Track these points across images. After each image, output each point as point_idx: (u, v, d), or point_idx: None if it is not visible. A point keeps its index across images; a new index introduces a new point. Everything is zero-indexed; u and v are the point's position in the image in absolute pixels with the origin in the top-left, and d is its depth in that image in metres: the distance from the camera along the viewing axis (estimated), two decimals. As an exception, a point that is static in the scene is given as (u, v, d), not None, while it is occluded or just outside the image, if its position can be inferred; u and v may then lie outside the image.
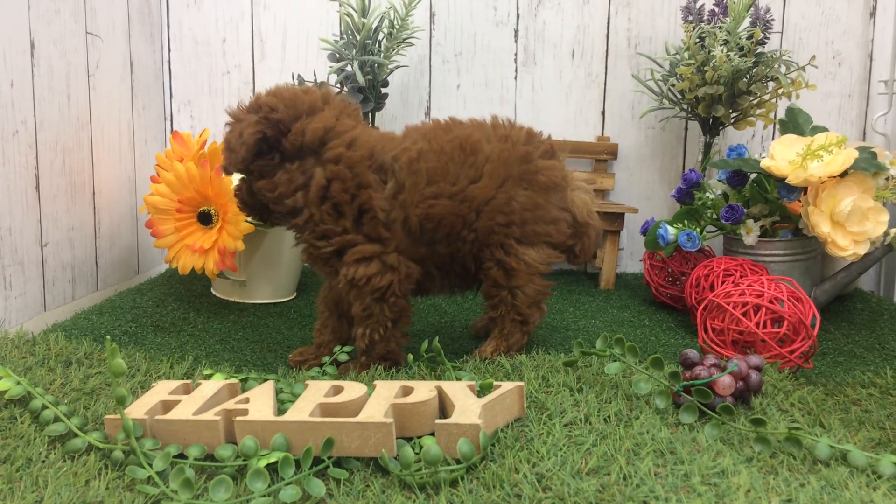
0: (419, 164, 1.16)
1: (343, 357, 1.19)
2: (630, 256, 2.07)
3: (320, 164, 1.13)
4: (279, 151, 1.14)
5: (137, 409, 0.92)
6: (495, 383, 0.97)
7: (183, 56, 1.98)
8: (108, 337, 0.97)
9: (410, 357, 1.17)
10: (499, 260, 1.21)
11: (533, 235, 1.21)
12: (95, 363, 1.14)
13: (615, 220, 1.84)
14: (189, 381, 1.01)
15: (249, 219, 1.51)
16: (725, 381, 0.97)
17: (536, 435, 0.89)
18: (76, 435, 0.91)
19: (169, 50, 1.98)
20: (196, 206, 1.51)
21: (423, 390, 0.95)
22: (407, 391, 0.96)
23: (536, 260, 1.22)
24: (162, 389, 0.99)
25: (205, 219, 1.52)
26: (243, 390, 1.05)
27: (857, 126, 2.00)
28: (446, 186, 1.16)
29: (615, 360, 1.06)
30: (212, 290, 1.72)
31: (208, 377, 1.13)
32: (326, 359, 1.19)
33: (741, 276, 1.48)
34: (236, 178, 1.53)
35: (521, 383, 0.96)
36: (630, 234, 2.04)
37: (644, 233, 1.72)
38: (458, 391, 0.95)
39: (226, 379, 1.11)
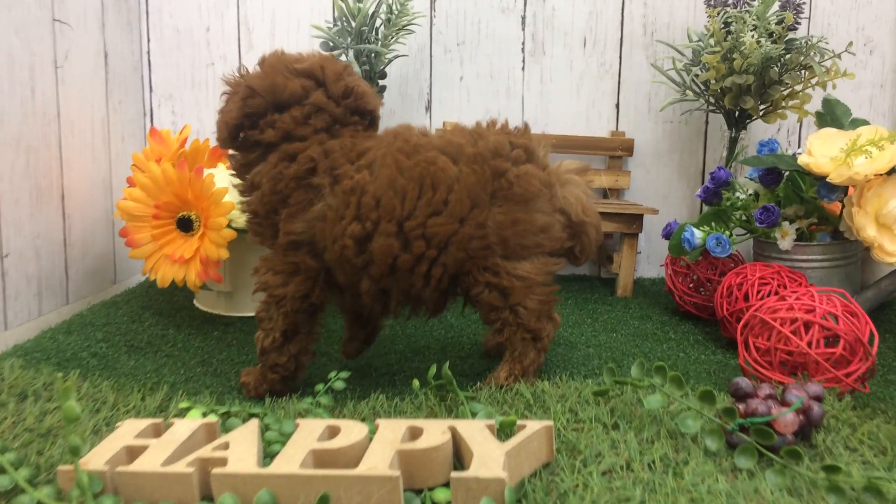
0: (357, 197, 1.04)
1: (339, 385, 1.05)
2: (647, 260, 1.93)
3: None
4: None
5: (97, 458, 0.78)
6: (519, 423, 0.83)
7: (163, 46, 1.83)
8: (61, 375, 0.82)
9: (416, 383, 1.03)
10: (488, 283, 1.06)
11: (520, 249, 1.06)
12: (55, 396, 1.00)
13: (633, 221, 1.69)
14: (160, 421, 0.86)
15: (233, 224, 1.37)
16: (788, 419, 0.83)
17: (571, 487, 0.75)
18: (23, 490, 0.77)
19: (148, 40, 1.82)
20: (175, 212, 1.36)
21: (435, 432, 0.80)
22: (415, 433, 0.81)
23: (532, 272, 1.07)
24: (128, 431, 0.85)
25: (185, 225, 1.37)
26: (224, 430, 0.91)
27: (889, 118, 1.86)
28: (387, 226, 1.03)
29: (653, 389, 0.92)
30: (195, 301, 1.57)
31: (184, 411, 0.99)
32: (320, 386, 1.04)
33: (779, 285, 1.34)
34: (220, 178, 1.38)
35: (550, 423, 0.82)
36: (647, 235, 1.90)
37: (667, 236, 1.58)
38: (476, 433, 0.80)
39: (203, 415, 0.97)
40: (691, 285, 1.57)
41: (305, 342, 1.12)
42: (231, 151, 1.15)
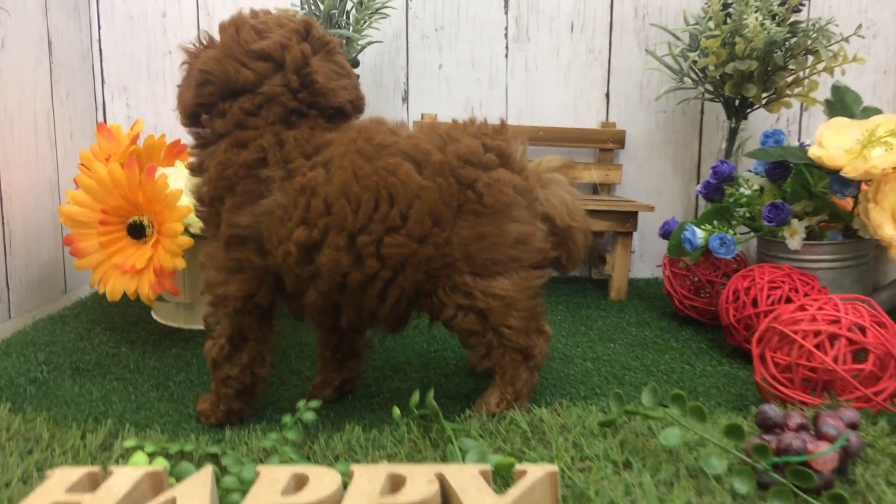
0: (307, 197, 0.91)
1: (309, 416, 0.92)
2: (641, 259, 1.82)
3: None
4: None
5: (16, 522, 0.65)
6: (518, 467, 0.71)
7: (116, 34, 1.68)
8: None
9: (397, 412, 0.91)
10: (460, 305, 0.93)
11: (492, 265, 0.93)
12: (-22, 436, 0.86)
13: (627, 220, 1.58)
14: (97, 470, 0.73)
15: (191, 230, 1.23)
16: (829, 457, 0.72)
17: (582, 549, 0.63)
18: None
19: (99, 27, 1.67)
20: (124, 217, 1.23)
21: (420, 481, 0.68)
22: (396, 482, 0.69)
23: (511, 289, 0.94)
24: (58, 483, 0.71)
25: (136, 231, 1.23)
26: (173, 477, 0.78)
27: (893, 106, 1.76)
28: (337, 238, 0.90)
29: (670, 421, 0.80)
30: (152, 313, 1.43)
31: (129, 451, 0.86)
32: (287, 418, 0.91)
33: (790, 289, 1.23)
34: (175, 180, 1.25)
35: (554, 468, 0.69)
36: (641, 233, 1.78)
37: (665, 236, 1.47)
38: (469, 483, 0.68)
39: (150, 457, 0.84)
40: (691, 288, 1.46)
41: (257, 350, 0.99)
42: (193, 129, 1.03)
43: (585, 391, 1.07)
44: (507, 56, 1.74)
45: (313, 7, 1.41)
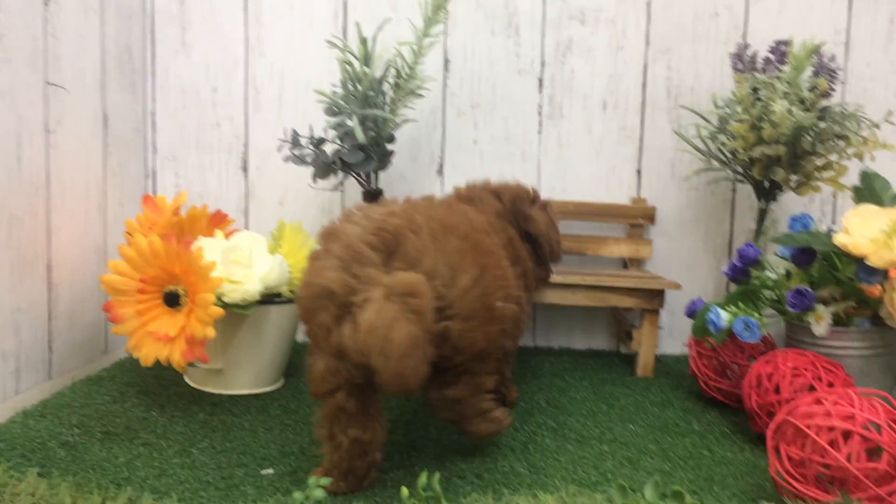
0: None
1: (318, 493, 0.94)
2: (670, 335, 1.81)
3: None
4: None
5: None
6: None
7: (168, 107, 1.78)
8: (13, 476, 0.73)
9: (405, 492, 0.93)
10: None
11: None
12: (7, 499, 0.91)
13: (654, 297, 1.58)
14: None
15: (224, 299, 1.29)
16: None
17: None
18: None
19: (153, 100, 1.77)
20: (161, 286, 1.29)
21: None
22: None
23: None
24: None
25: (172, 300, 1.29)
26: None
27: (932, 189, 1.73)
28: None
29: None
30: (185, 377, 1.48)
31: (144, 522, 0.89)
32: (297, 495, 0.93)
33: (814, 377, 1.21)
34: (209, 252, 1.31)
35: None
36: (670, 308, 1.78)
37: (690, 315, 1.46)
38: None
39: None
40: (717, 369, 1.45)
41: None
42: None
43: (597, 476, 1.07)
44: (540, 132, 1.78)
45: (351, 88, 1.47)
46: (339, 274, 0.93)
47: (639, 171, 1.78)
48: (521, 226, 1.31)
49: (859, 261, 1.26)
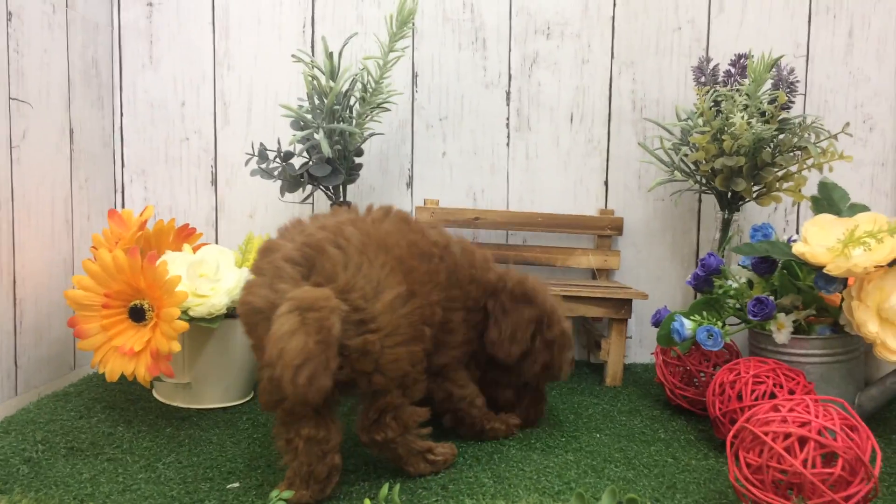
0: None
1: (281, 506, 0.94)
2: (640, 344, 1.83)
3: None
4: None
5: None
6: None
7: (137, 121, 1.78)
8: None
9: (367, 503, 0.93)
10: None
11: None
12: (-36, 517, 0.90)
13: (622, 307, 1.60)
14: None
15: (190, 313, 1.29)
16: (776, 568, 0.73)
17: None
18: None
19: (121, 115, 1.77)
20: (126, 301, 1.28)
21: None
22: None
23: None
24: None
25: (137, 315, 1.28)
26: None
27: (892, 198, 1.78)
28: None
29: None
30: (153, 392, 1.47)
31: (104, 538, 0.89)
32: (260, 508, 0.94)
33: (775, 385, 1.23)
34: (174, 266, 1.31)
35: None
36: (639, 318, 1.80)
37: (656, 324, 1.48)
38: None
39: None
40: (683, 377, 1.47)
41: None
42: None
43: (560, 485, 1.08)
44: (508, 144, 1.80)
45: (317, 102, 1.48)
46: (264, 290, 0.98)
47: (606, 183, 1.81)
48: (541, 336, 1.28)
49: (818, 270, 1.29)
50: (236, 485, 1.10)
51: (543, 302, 1.28)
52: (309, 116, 1.48)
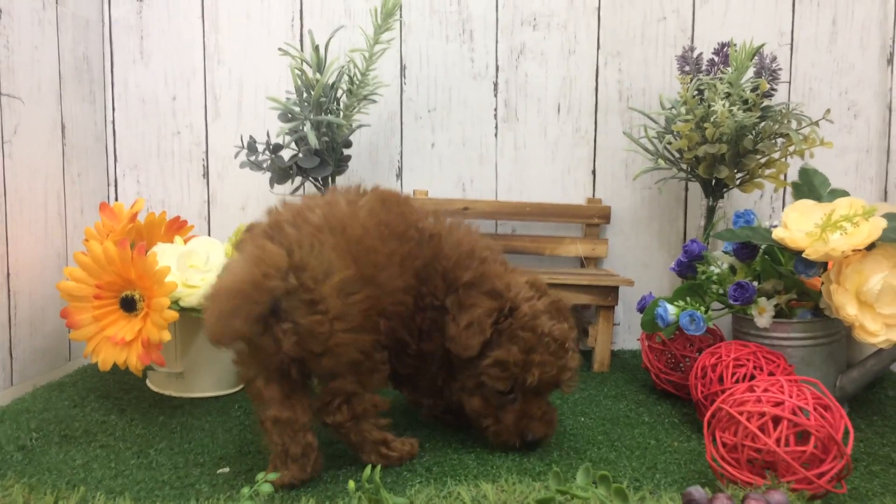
0: None
1: (266, 488, 0.97)
2: (628, 331, 1.85)
3: None
4: None
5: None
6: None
7: (129, 116, 1.80)
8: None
9: (352, 485, 0.95)
10: None
11: None
12: (-42, 501, 0.93)
13: (608, 294, 1.62)
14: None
15: (181, 303, 1.31)
16: (742, 539, 0.75)
17: None
18: None
19: (113, 109, 1.79)
20: (118, 291, 1.31)
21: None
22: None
23: None
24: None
25: (128, 305, 1.31)
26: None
27: (877, 184, 1.79)
28: None
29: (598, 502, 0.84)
30: (147, 381, 1.50)
31: (94, 520, 0.92)
32: (245, 490, 0.96)
33: (755, 367, 1.26)
34: (164, 257, 1.33)
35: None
36: (627, 305, 1.82)
37: (641, 310, 1.51)
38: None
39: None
40: (668, 362, 1.49)
41: None
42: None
43: (542, 466, 1.11)
44: (496, 135, 1.82)
45: (304, 95, 1.50)
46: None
47: (593, 172, 1.83)
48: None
49: (797, 254, 1.31)
50: (226, 469, 1.12)
51: (507, 295, 1.15)
52: (297, 109, 1.50)
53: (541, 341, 1.12)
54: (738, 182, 1.56)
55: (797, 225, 1.31)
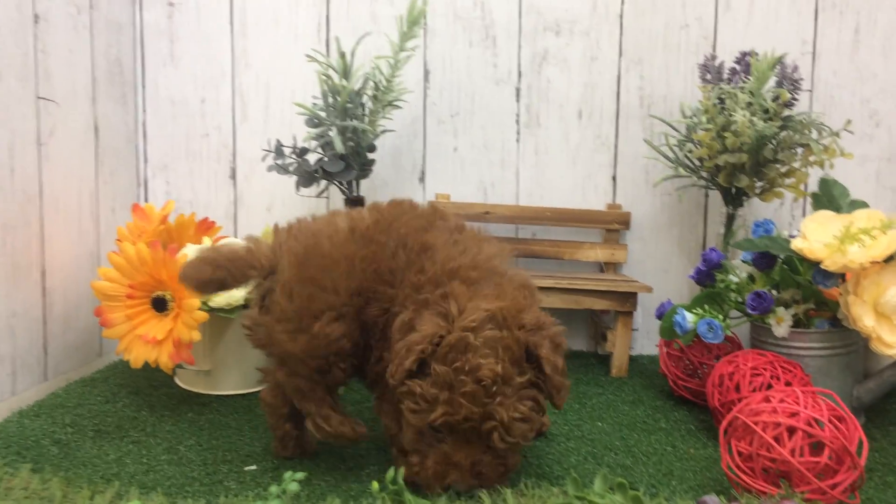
0: None
1: (293, 487, 1.00)
2: (647, 336, 1.87)
3: None
4: None
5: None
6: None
7: (159, 118, 1.84)
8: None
9: (375, 486, 0.99)
10: None
11: None
12: (1, 493, 0.97)
13: (627, 299, 1.64)
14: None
15: (210, 304, 1.35)
16: (754, 548, 0.77)
17: None
18: None
19: (144, 111, 1.84)
20: (149, 291, 1.35)
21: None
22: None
23: None
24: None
25: (159, 305, 1.35)
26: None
27: (897, 193, 1.80)
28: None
29: (617, 507, 0.87)
30: (175, 379, 1.54)
31: (129, 515, 0.95)
32: (273, 488, 1.00)
33: (772, 377, 1.27)
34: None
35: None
36: (646, 310, 1.84)
37: (659, 317, 1.53)
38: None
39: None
40: (686, 369, 1.51)
41: None
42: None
43: (560, 471, 1.13)
44: (518, 140, 1.84)
45: (331, 101, 1.53)
46: None
47: (614, 178, 1.84)
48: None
49: (816, 265, 1.32)
50: (254, 467, 1.16)
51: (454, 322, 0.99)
52: (323, 114, 1.53)
53: (456, 379, 0.94)
54: (757, 191, 1.58)
55: (816, 235, 1.32)
